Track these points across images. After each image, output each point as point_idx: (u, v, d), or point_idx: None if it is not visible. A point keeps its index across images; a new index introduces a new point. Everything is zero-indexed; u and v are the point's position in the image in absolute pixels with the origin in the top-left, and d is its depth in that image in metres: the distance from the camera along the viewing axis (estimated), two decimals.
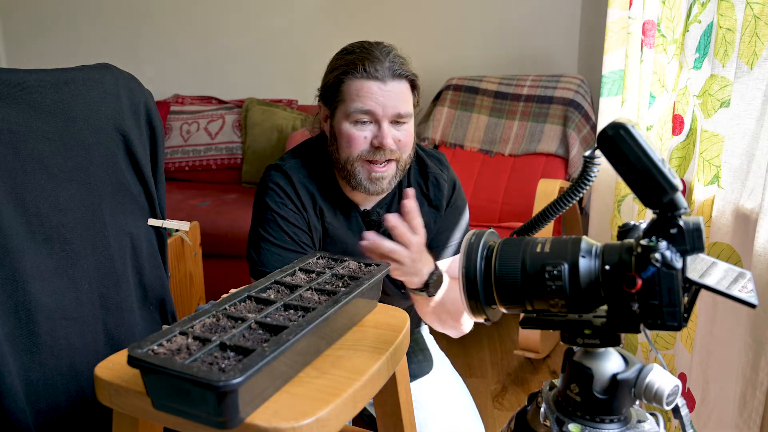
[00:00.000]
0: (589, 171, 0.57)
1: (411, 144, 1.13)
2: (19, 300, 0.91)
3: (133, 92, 1.11)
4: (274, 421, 0.60)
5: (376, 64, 1.06)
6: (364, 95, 1.07)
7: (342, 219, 1.18)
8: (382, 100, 1.06)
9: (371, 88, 1.06)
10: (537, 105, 2.52)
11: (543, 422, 0.62)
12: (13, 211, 0.91)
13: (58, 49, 3.24)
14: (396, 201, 1.20)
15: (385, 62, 1.07)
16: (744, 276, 0.53)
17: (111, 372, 0.69)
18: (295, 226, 1.13)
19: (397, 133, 1.09)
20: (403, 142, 1.11)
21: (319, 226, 1.16)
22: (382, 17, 2.98)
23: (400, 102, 1.08)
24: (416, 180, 1.21)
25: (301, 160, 1.18)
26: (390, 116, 1.08)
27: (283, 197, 1.14)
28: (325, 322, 0.70)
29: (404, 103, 1.09)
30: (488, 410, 1.86)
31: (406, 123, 1.10)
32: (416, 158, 1.23)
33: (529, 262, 0.57)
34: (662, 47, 1.51)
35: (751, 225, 1.11)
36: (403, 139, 1.10)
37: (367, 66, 1.06)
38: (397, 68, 1.07)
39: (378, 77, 1.06)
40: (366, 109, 1.07)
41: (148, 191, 1.15)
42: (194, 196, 2.63)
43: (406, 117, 1.09)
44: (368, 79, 1.06)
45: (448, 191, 1.22)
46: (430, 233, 1.21)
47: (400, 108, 1.08)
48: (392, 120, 1.08)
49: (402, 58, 1.11)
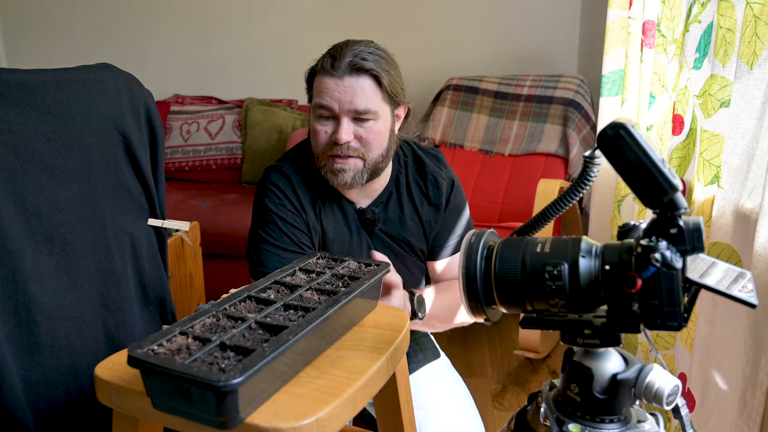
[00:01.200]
0: (589, 171, 0.57)
1: (379, 143, 1.10)
2: (19, 300, 0.91)
3: (133, 92, 1.11)
4: (274, 421, 0.60)
5: (336, 59, 1.06)
6: (321, 90, 1.07)
7: (340, 217, 1.18)
8: (337, 95, 1.06)
9: (328, 84, 1.06)
10: (537, 105, 2.52)
11: (543, 422, 0.62)
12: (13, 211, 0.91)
13: (58, 49, 3.24)
14: (394, 200, 1.20)
15: (346, 58, 1.05)
16: (744, 276, 0.53)
17: (111, 372, 0.69)
18: (294, 226, 1.13)
19: (359, 130, 1.08)
20: (366, 139, 1.08)
21: (318, 226, 1.17)
22: (382, 17, 2.98)
23: (357, 98, 1.06)
24: (414, 179, 1.21)
25: (300, 161, 1.19)
26: (347, 112, 1.07)
27: (282, 198, 1.14)
28: (325, 322, 0.70)
29: (362, 100, 1.06)
30: (488, 410, 1.86)
31: (371, 120, 1.08)
32: (414, 157, 1.23)
33: (529, 262, 0.57)
34: (662, 47, 1.51)
35: (751, 225, 1.11)
36: (365, 136, 1.08)
37: (326, 62, 1.07)
38: (357, 63, 1.05)
39: (334, 73, 1.06)
40: (323, 104, 1.07)
41: (148, 191, 1.15)
42: (194, 196, 2.63)
43: (366, 114, 1.07)
44: (326, 74, 1.07)
45: (447, 189, 1.22)
46: (431, 232, 1.22)
47: (358, 104, 1.06)
48: (352, 116, 1.07)
49: (377, 54, 1.07)
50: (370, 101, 1.07)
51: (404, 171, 1.21)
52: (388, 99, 1.10)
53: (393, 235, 1.19)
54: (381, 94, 1.08)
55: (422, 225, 1.21)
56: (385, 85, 1.07)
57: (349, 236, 1.18)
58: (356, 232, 1.18)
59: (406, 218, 1.20)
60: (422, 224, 1.20)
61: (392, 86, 1.09)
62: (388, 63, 1.09)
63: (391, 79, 1.09)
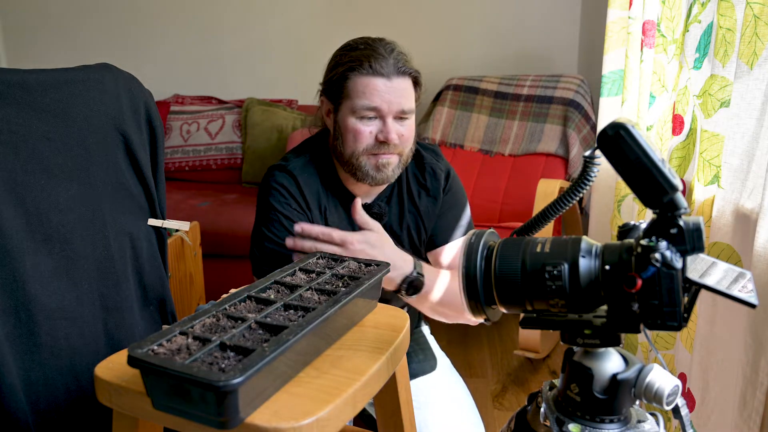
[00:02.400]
0: (589, 171, 0.57)
1: (412, 138, 1.16)
2: (19, 300, 0.91)
3: (133, 92, 1.11)
4: (274, 421, 0.60)
5: (381, 60, 1.09)
6: (370, 92, 1.09)
7: (343, 214, 1.19)
8: (387, 96, 1.09)
9: (377, 85, 1.09)
10: (537, 105, 2.52)
11: (543, 422, 0.62)
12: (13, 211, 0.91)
13: (58, 49, 3.24)
14: (395, 194, 1.22)
15: (390, 59, 1.09)
16: (744, 276, 0.53)
17: (111, 372, 0.69)
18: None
19: (401, 128, 1.12)
20: (406, 136, 1.13)
21: (323, 223, 1.17)
22: (382, 17, 2.98)
23: (403, 99, 1.10)
24: (413, 171, 1.24)
25: (304, 159, 1.19)
26: (394, 112, 1.10)
27: (287, 197, 1.14)
28: (325, 322, 0.70)
29: (408, 100, 1.12)
30: (488, 410, 1.86)
31: (409, 118, 1.13)
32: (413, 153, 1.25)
33: (529, 262, 0.57)
34: (662, 47, 1.51)
35: (751, 225, 1.11)
36: (406, 133, 1.13)
37: (372, 63, 1.08)
38: (401, 65, 1.10)
39: (384, 74, 1.08)
40: (373, 106, 1.09)
41: (148, 191, 1.15)
42: (194, 196, 2.63)
43: (409, 113, 1.12)
44: (374, 75, 1.09)
45: (444, 179, 1.25)
46: (429, 222, 1.23)
47: (404, 104, 1.11)
48: (396, 116, 1.11)
49: (404, 54, 1.13)
50: (411, 101, 1.13)
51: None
52: (416, 97, 1.16)
53: (395, 230, 1.21)
54: (416, 93, 1.15)
55: (420, 216, 1.23)
56: (420, 86, 1.15)
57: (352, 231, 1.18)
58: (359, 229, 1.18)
59: (406, 212, 1.22)
60: (420, 215, 1.22)
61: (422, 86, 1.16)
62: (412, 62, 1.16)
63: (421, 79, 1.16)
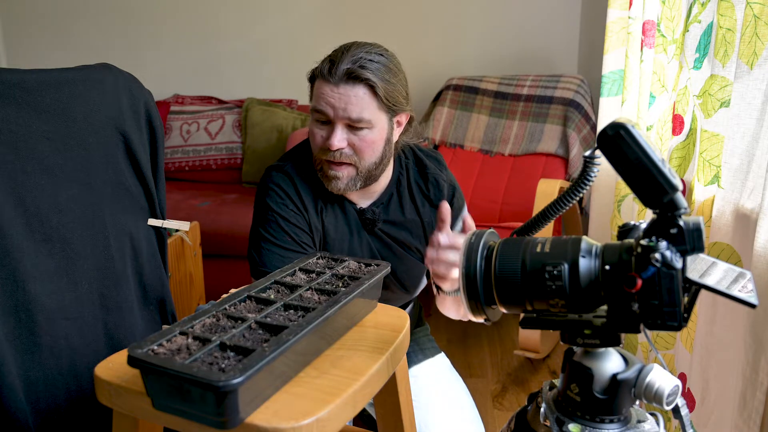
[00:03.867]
0: (589, 171, 0.57)
1: (373, 152, 1.09)
2: (19, 300, 0.91)
3: (133, 92, 1.11)
4: (274, 421, 0.60)
5: (334, 65, 1.05)
6: (318, 95, 1.07)
7: (341, 216, 1.18)
8: (332, 101, 1.06)
9: (324, 89, 1.06)
10: (537, 105, 2.52)
11: (543, 422, 0.62)
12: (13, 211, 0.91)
13: (58, 49, 3.24)
14: (395, 201, 1.20)
15: (344, 64, 1.04)
16: (744, 276, 0.53)
17: (111, 372, 0.69)
18: (295, 226, 1.14)
19: (353, 138, 1.08)
20: (359, 147, 1.08)
21: (320, 225, 1.17)
22: (382, 17, 2.98)
23: (351, 106, 1.05)
24: (416, 180, 1.22)
25: (301, 160, 1.19)
26: (341, 119, 1.06)
27: (284, 198, 1.14)
28: (325, 322, 0.70)
29: (357, 108, 1.05)
30: (488, 410, 1.86)
31: (365, 129, 1.07)
32: (415, 159, 1.24)
33: (529, 262, 0.57)
34: (662, 47, 1.51)
35: (751, 225, 1.11)
36: (359, 144, 1.08)
37: (326, 68, 1.06)
38: (353, 71, 1.04)
39: (330, 80, 1.05)
40: (319, 109, 1.07)
41: (148, 191, 1.15)
42: (194, 196, 2.63)
43: (360, 122, 1.06)
44: (324, 80, 1.06)
45: (448, 192, 1.22)
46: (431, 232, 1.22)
47: (351, 113, 1.05)
48: (346, 123, 1.07)
49: (375, 61, 1.06)
50: (365, 110, 1.06)
51: (405, 173, 1.22)
52: (385, 108, 1.08)
53: (393, 235, 1.19)
54: (377, 103, 1.07)
55: (423, 226, 1.21)
56: (380, 95, 1.06)
57: (350, 236, 1.18)
58: (357, 232, 1.18)
59: (407, 219, 1.20)
60: (423, 225, 1.21)
61: (390, 95, 1.07)
62: (390, 71, 1.08)
63: (389, 87, 1.07)
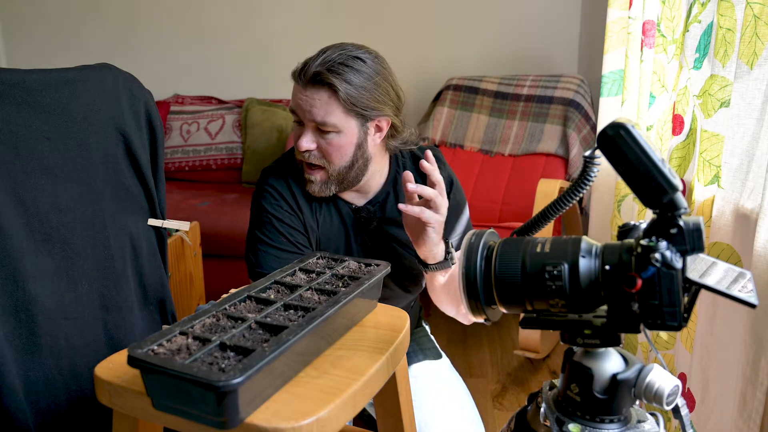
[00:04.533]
0: (589, 171, 0.57)
1: (341, 157, 1.09)
2: (19, 300, 0.91)
3: (133, 92, 1.11)
4: (274, 421, 0.60)
5: (303, 68, 1.07)
6: (292, 96, 1.11)
7: (335, 215, 1.19)
8: (300, 103, 1.08)
9: (294, 91, 1.10)
10: (537, 105, 2.52)
11: (543, 422, 0.62)
12: (13, 211, 0.91)
13: (58, 49, 3.24)
14: (390, 199, 1.21)
15: (313, 67, 1.05)
16: (744, 276, 0.53)
17: (111, 372, 0.69)
18: (290, 227, 1.14)
19: (321, 141, 1.08)
20: (326, 151, 1.08)
21: (315, 225, 1.17)
22: (381, 17, 2.98)
23: (315, 110, 1.05)
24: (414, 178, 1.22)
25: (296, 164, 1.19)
26: (309, 121, 1.08)
27: (279, 199, 1.15)
28: (325, 322, 0.70)
29: (320, 112, 1.05)
30: (488, 410, 1.86)
31: (333, 133, 1.07)
32: (412, 157, 1.25)
33: (529, 262, 0.57)
34: (662, 47, 1.51)
35: (751, 225, 1.11)
36: (326, 148, 1.08)
37: (299, 69, 1.08)
38: (319, 74, 1.03)
39: (299, 82, 1.08)
40: (292, 109, 1.11)
41: (148, 191, 1.15)
42: (194, 196, 2.63)
43: (326, 126, 1.06)
44: (295, 81, 1.09)
45: (447, 187, 1.22)
46: None
47: (315, 116, 1.05)
48: (315, 126, 1.08)
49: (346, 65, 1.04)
50: (329, 114, 1.05)
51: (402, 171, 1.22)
52: (352, 113, 1.06)
53: (391, 233, 1.20)
54: (342, 108, 1.05)
55: None
56: (342, 100, 1.04)
57: (345, 235, 1.19)
58: (352, 231, 1.19)
59: None
60: None
61: (357, 101, 1.05)
62: (364, 75, 1.05)
63: (356, 93, 1.04)
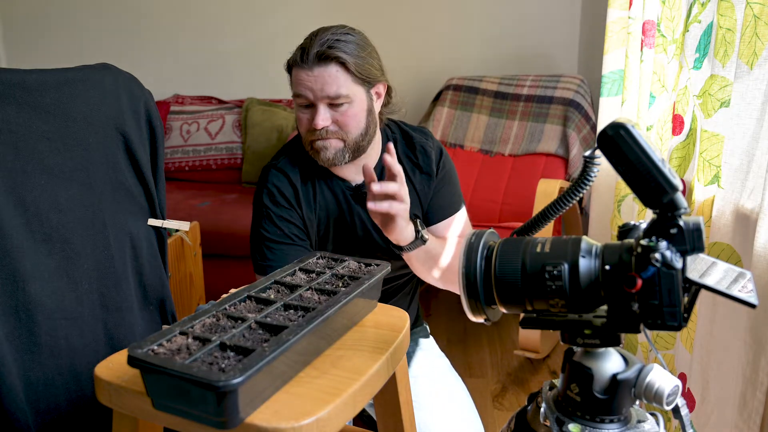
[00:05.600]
0: (589, 171, 0.57)
1: (356, 124, 1.15)
2: (19, 300, 0.91)
3: (133, 92, 1.11)
4: (274, 421, 0.60)
5: (304, 52, 1.11)
6: (297, 82, 1.13)
7: (331, 198, 1.23)
8: (310, 85, 1.11)
9: (300, 75, 1.12)
10: (537, 105, 2.52)
11: (543, 422, 0.62)
12: (13, 211, 0.91)
13: (58, 49, 3.24)
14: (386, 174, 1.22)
15: (314, 48, 1.10)
16: (744, 276, 0.53)
17: (111, 372, 0.69)
18: (287, 221, 1.19)
19: (335, 114, 1.13)
20: (342, 122, 1.14)
21: (314, 216, 1.21)
22: (381, 17, 2.98)
23: (327, 85, 1.11)
24: (404, 152, 1.26)
25: (292, 155, 1.24)
26: (321, 99, 1.12)
27: (277, 195, 1.20)
28: (325, 322, 0.70)
29: (333, 86, 1.11)
30: (488, 410, 1.86)
31: (345, 104, 1.13)
32: (401, 132, 1.29)
33: (529, 262, 0.57)
34: (662, 47, 1.51)
35: (751, 225, 1.11)
36: (342, 119, 1.13)
37: (298, 55, 1.12)
38: (323, 52, 1.10)
39: (305, 66, 1.11)
40: (299, 94, 1.13)
41: (148, 191, 1.15)
42: (194, 196, 2.63)
43: (339, 98, 1.12)
44: (299, 67, 1.12)
45: (436, 157, 1.26)
46: (426, 198, 1.24)
47: (329, 91, 1.11)
48: (328, 102, 1.12)
49: (341, 40, 1.11)
50: (341, 86, 1.11)
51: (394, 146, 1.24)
52: (360, 81, 1.14)
53: None
54: (351, 77, 1.12)
55: (417, 193, 1.25)
56: (353, 70, 1.12)
57: (345, 215, 1.23)
58: (350, 210, 1.23)
59: None
60: (417, 193, 1.25)
61: (362, 68, 1.13)
62: (359, 46, 1.14)
63: (359, 61, 1.13)
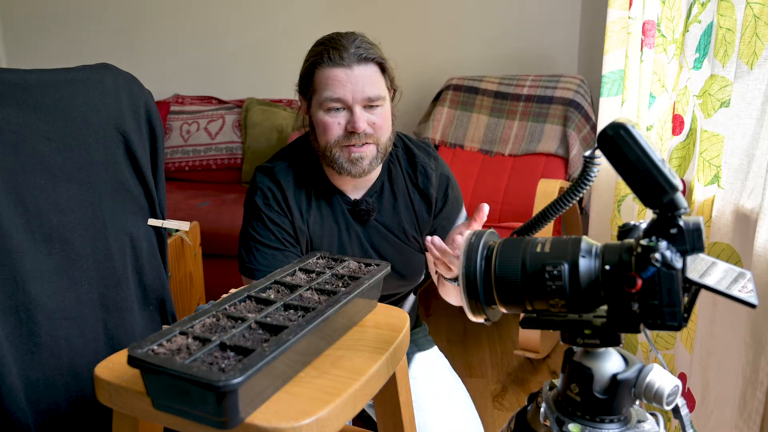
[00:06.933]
0: (589, 171, 0.57)
1: (388, 127, 1.15)
2: (19, 300, 0.91)
3: (133, 92, 1.11)
4: (274, 421, 0.60)
5: (341, 51, 1.08)
6: (332, 83, 1.09)
7: (328, 213, 1.20)
8: (350, 86, 1.08)
9: (338, 75, 1.09)
10: (537, 105, 2.52)
11: (543, 422, 0.62)
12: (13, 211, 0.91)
13: (58, 49, 3.24)
14: (386, 190, 1.21)
15: (351, 48, 1.09)
16: (744, 276, 0.53)
17: (111, 372, 0.69)
18: (278, 225, 1.16)
19: (371, 117, 1.11)
20: (378, 124, 1.12)
21: (305, 228, 1.18)
22: (381, 17, 2.98)
23: (368, 86, 1.09)
24: (406, 170, 1.24)
25: (290, 161, 1.20)
26: (360, 101, 1.10)
27: (269, 198, 1.17)
28: (325, 322, 0.70)
29: (373, 87, 1.10)
30: (488, 410, 1.86)
31: (380, 106, 1.12)
32: (404, 148, 1.25)
33: (529, 262, 0.57)
34: (662, 47, 1.51)
35: (751, 225, 1.11)
36: (378, 122, 1.12)
37: (333, 54, 1.09)
38: (362, 52, 1.09)
39: (344, 64, 1.08)
40: (336, 97, 1.09)
41: (148, 191, 1.15)
42: (194, 196, 2.63)
43: (377, 100, 1.11)
44: (335, 66, 1.09)
45: (438, 182, 1.23)
46: (423, 222, 1.23)
47: (369, 92, 1.09)
48: (364, 104, 1.10)
49: (370, 43, 1.12)
50: (380, 88, 1.11)
51: (396, 162, 1.24)
52: (388, 83, 1.15)
53: (388, 225, 1.20)
54: (384, 79, 1.13)
55: (414, 213, 1.22)
56: (388, 71, 1.13)
57: (339, 231, 1.20)
58: (346, 227, 1.20)
59: (400, 207, 1.21)
60: (414, 212, 1.22)
61: (390, 71, 1.15)
62: (380, 51, 1.15)
63: (387, 65, 1.14)
